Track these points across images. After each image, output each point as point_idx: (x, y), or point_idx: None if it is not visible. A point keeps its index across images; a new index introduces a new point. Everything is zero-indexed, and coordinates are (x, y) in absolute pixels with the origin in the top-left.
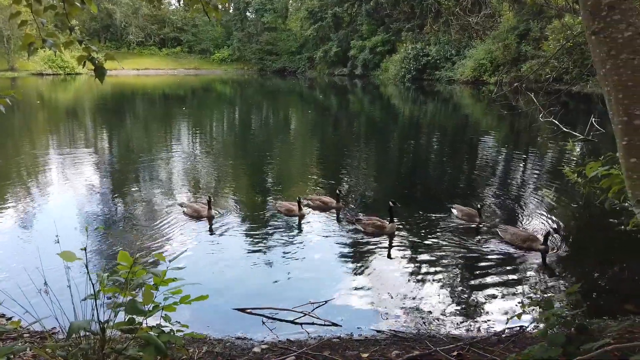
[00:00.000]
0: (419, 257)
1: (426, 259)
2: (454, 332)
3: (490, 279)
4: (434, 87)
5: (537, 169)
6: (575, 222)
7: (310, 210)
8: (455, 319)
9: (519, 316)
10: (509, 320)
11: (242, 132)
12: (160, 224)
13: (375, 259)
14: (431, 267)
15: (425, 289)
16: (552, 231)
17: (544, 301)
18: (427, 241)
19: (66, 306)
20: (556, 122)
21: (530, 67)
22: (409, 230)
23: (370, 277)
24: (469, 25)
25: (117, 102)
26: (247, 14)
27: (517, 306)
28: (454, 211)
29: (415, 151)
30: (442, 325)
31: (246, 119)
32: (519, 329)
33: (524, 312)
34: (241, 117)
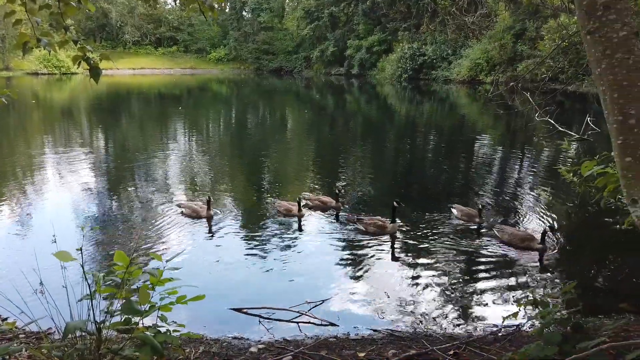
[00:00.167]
0: (416, 257)
1: (423, 259)
2: (450, 331)
3: (486, 278)
4: (431, 86)
5: (533, 169)
6: (570, 221)
7: (309, 210)
8: (451, 318)
9: (515, 315)
10: (505, 319)
11: (239, 132)
12: (157, 224)
13: (372, 258)
14: (428, 267)
15: (422, 288)
16: (548, 230)
17: (540, 300)
18: (424, 241)
19: (62, 306)
20: (552, 121)
21: (526, 67)
22: (406, 229)
23: (367, 277)
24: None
25: (112, 102)
26: (244, 13)
27: (513, 305)
28: (454, 211)
29: (411, 150)
30: (438, 324)
31: (242, 118)
32: (515, 327)
33: (520, 311)
34: (237, 117)
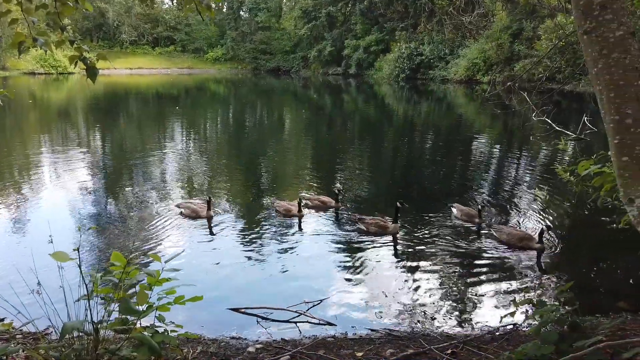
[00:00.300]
0: (414, 257)
1: (421, 259)
2: (448, 331)
3: (484, 278)
4: (428, 86)
5: (530, 168)
6: (567, 220)
7: (309, 210)
8: (449, 318)
9: (513, 314)
10: (502, 318)
11: (237, 132)
12: (155, 225)
13: (370, 258)
14: (426, 267)
15: (420, 288)
16: (545, 229)
17: (537, 299)
18: (423, 241)
19: (59, 307)
20: (549, 121)
21: (523, 67)
22: (404, 229)
23: (365, 277)
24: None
25: (110, 102)
26: (241, 13)
27: (510, 304)
28: (454, 210)
29: (409, 150)
30: (436, 323)
31: (240, 118)
32: (512, 327)
33: (517, 310)
34: (235, 117)
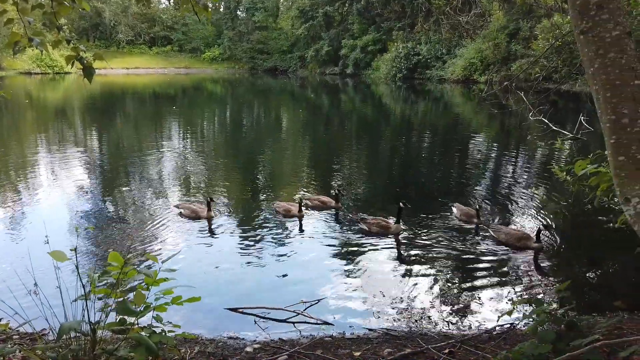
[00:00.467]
0: (412, 256)
1: (419, 258)
2: (445, 330)
3: (481, 277)
4: (425, 86)
5: (527, 168)
6: (564, 219)
7: (309, 210)
8: (446, 317)
9: (510, 313)
10: (499, 317)
11: (234, 132)
12: (153, 225)
13: (368, 258)
14: (424, 266)
15: (417, 287)
16: (542, 228)
17: (534, 298)
18: (420, 240)
19: (56, 307)
20: (546, 120)
21: (520, 66)
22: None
23: (363, 276)
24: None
25: (106, 102)
26: (238, 12)
27: (508, 304)
28: (454, 209)
29: (407, 150)
30: (434, 323)
31: (238, 118)
32: (509, 326)
33: (514, 309)
34: (233, 117)
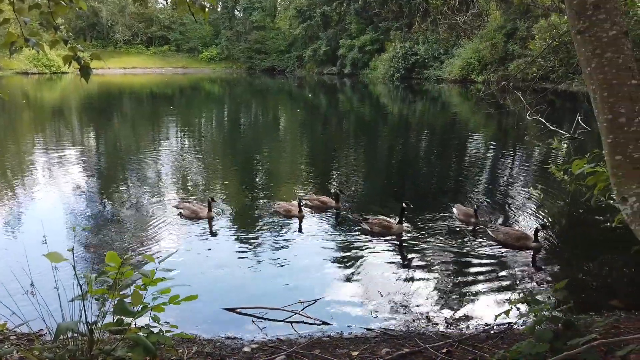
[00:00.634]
0: (410, 256)
1: (418, 258)
2: (443, 330)
3: (479, 277)
4: (423, 85)
5: (525, 167)
6: (561, 219)
7: (308, 210)
8: (444, 317)
9: (507, 313)
10: (497, 317)
11: (232, 132)
12: (151, 225)
13: (367, 258)
14: (422, 266)
15: (415, 287)
16: (540, 228)
17: (531, 298)
18: (419, 240)
19: (53, 308)
20: (543, 120)
21: (517, 66)
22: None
23: (361, 276)
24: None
25: (104, 101)
26: (236, 12)
27: (505, 303)
28: (454, 210)
29: (404, 149)
30: (432, 323)
31: (235, 118)
32: (507, 325)
33: (512, 308)
34: (230, 117)
